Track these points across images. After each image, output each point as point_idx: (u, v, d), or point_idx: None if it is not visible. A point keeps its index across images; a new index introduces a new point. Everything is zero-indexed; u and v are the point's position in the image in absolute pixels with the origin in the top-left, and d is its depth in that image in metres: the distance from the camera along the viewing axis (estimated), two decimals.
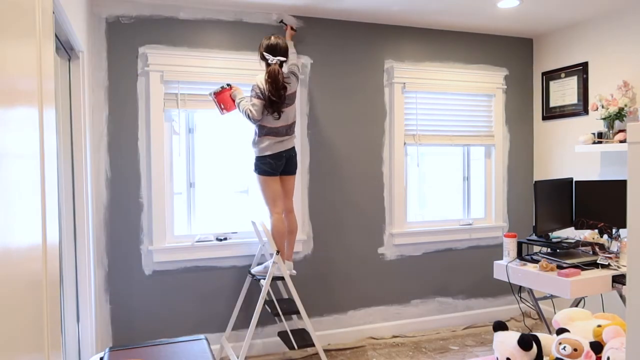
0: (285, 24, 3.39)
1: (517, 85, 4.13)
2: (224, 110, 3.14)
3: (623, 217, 3.03)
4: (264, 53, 2.99)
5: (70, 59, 2.49)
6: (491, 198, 4.10)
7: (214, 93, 3.12)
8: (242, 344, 3.30)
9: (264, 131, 3.01)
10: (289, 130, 3.06)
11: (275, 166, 3.02)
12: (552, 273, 2.69)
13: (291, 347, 3.01)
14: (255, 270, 3.18)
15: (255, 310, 2.99)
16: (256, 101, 2.94)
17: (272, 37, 3.02)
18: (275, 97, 2.92)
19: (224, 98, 3.11)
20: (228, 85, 3.12)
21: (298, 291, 3.54)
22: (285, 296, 3.42)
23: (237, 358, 3.00)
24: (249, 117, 2.96)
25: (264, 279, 3.04)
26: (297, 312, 3.07)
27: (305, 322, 3.04)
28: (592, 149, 3.39)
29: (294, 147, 3.12)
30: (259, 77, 2.98)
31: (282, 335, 3.16)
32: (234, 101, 3.09)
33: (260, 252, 3.30)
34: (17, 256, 0.87)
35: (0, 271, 0.77)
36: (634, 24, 3.34)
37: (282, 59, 2.99)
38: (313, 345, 3.03)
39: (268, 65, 2.98)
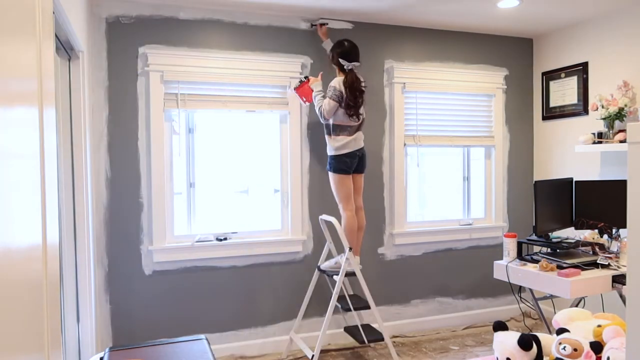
0: (317, 24, 3.44)
1: (517, 85, 4.13)
2: (306, 102, 3.35)
3: (623, 217, 3.03)
4: (341, 60, 3.12)
5: (70, 59, 2.49)
6: (491, 198, 4.10)
7: (295, 88, 3.32)
8: (304, 335, 3.48)
9: (338, 129, 3.15)
10: (360, 127, 3.21)
11: (350, 164, 3.16)
12: (552, 273, 2.69)
13: (362, 342, 3.12)
14: (324, 265, 3.28)
15: (330, 305, 3.07)
16: (332, 102, 3.09)
17: (345, 43, 3.15)
18: (352, 102, 3.09)
19: (304, 91, 3.29)
20: (306, 77, 3.28)
21: (297, 291, 3.54)
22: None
23: (313, 352, 3.07)
24: (321, 114, 3.15)
25: (336, 274, 3.14)
26: (367, 307, 3.18)
27: (376, 316, 3.12)
28: (592, 149, 3.39)
29: (363, 146, 3.25)
30: (337, 80, 3.12)
31: (350, 330, 3.31)
32: (312, 91, 3.26)
33: (327, 248, 3.39)
34: (17, 256, 0.87)
35: (0, 271, 0.77)
36: (634, 24, 3.34)
37: (357, 64, 3.16)
38: (383, 339, 3.13)
39: (343, 70, 3.14)
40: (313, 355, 3.01)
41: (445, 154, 4.03)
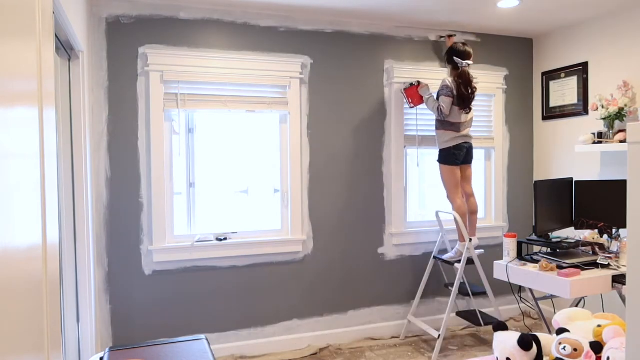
0: (445, 36, 3.76)
1: (517, 85, 4.13)
2: (412, 104, 3.61)
3: (623, 217, 3.03)
4: (455, 58, 3.42)
5: (70, 59, 2.49)
6: (491, 198, 4.10)
7: (404, 89, 3.61)
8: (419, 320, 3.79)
9: (447, 125, 3.42)
10: (469, 124, 3.48)
11: (458, 156, 3.42)
12: (552, 273, 2.69)
13: (478, 324, 3.39)
14: (447, 256, 3.56)
15: (452, 292, 3.36)
16: (446, 99, 3.35)
17: (461, 45, 3.48)
18: (464, 96, 3.35)
19: (412, 93, 3.59)
20: (417, 82, 3.57)
21: (297, 291, 3.54)
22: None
23: (439, 331, 3.39)
24: (440, 112, 3.38)
25: (458, 263, 3.45)
26: (484, 293, 3.54)
27: (492, 300, 3.49)
28: (592, 149, 3.39)
29: (471, 138, 3.50)
30: (448, 78, 3.41)
31: (464, 314, 3.58)
32: (421, 97, 3.54)
33: (441, 239, 3.70)
34: (17, 256, 0.87)
35: (0, 271, 0.77)
36: (634, 24, 3.34)
37: (470, 62, 3.47)
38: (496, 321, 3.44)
39: (456, 67, 3.43)
40: (439, 335, 3.33)
41: None
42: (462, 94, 3.35)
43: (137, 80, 3.16)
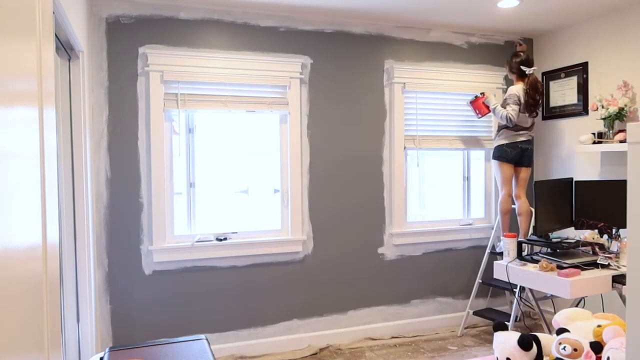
0: (517, 43, 3.85)
1: None
2: (479, 115, 3.72)
3: (623, 217, 3.03)
4: (521, 67, 3.51)
5: (70, 59, 2.49)
6: (491, 198, 4.10)
7: (470, 102, 3.73)
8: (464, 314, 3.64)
9: (506, 127, 3.56)
10: (530, 127, 3.58)
11: (510, 154, 3.54)
12: (552, 273, 2.69)
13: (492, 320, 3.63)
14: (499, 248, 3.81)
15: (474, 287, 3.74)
16: (515, 107, 3.46)
17: (522, 53, 3.57)
18: (533, 102, 3.48)
19: (477, 105, 3.71)
20: (481, 93, 3.69)
21: (297, 291, 3.54)
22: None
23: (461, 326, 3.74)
24: (509, 120, 3.46)
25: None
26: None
27: (515, 298, 3.51)
28: (592, 149, 3.39)
29: (529, 141, 3.58)
30: (516, 87, 3.51)
31: (480, 313, 3.78)
32: (487, 107, 3.65)
33: (494, 235, 3.87)
34: (17, 256, 0.87)
35: (0, 271, 0.77)
36: (634, 23, 3.34)
37: (536, 68, 3.58)
38: (508, 321, 3.52)
39: (523, 76, 3.53)
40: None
41: (445, 154, 4.03)
42: (530, 101, 3.46)
43: (137, 80, 3.16)
